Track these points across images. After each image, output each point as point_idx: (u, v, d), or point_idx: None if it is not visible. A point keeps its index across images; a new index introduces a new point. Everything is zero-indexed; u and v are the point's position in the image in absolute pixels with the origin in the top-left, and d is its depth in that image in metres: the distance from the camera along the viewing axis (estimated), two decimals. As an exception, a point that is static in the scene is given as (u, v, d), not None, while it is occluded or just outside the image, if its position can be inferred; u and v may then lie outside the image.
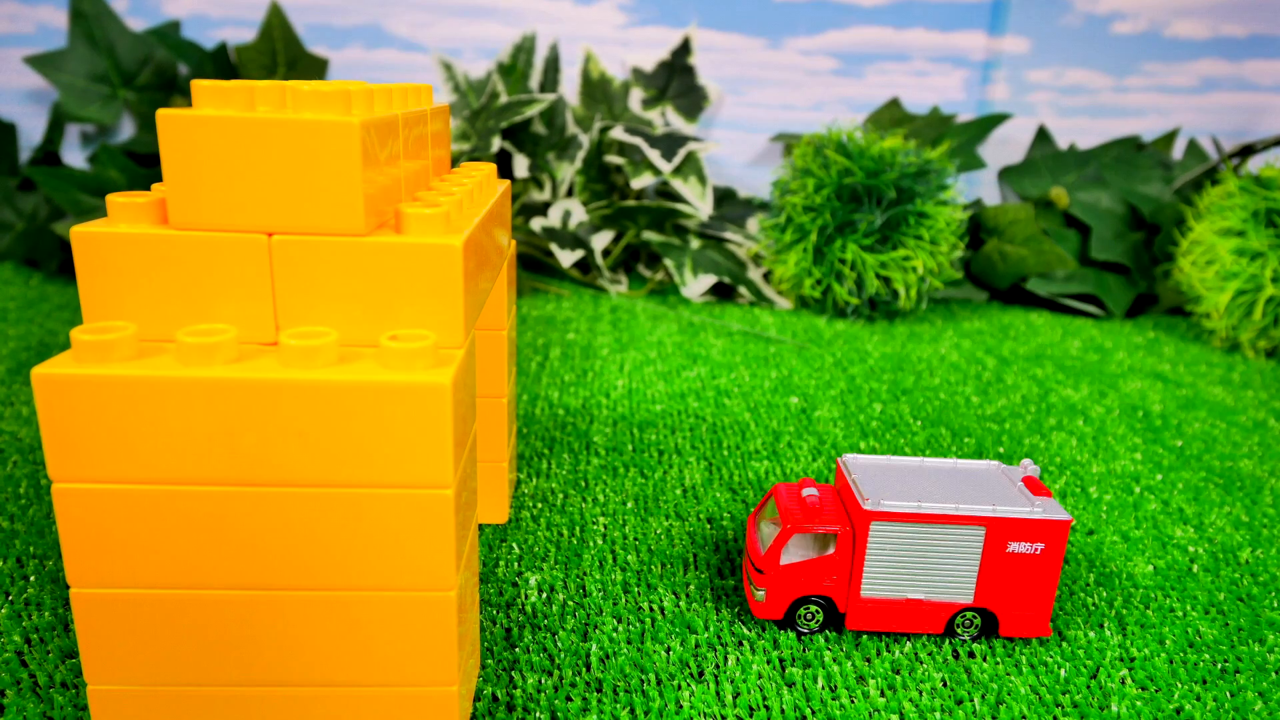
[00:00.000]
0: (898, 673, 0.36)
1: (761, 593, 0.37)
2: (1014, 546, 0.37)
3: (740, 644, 0.37)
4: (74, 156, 0.97)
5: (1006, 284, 0.93)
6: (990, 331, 0.84)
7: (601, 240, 0.90)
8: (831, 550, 0.37)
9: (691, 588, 0.40)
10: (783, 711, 0.33)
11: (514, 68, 0.96)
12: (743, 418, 0.60)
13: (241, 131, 0.26)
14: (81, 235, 0.27)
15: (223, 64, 0.94)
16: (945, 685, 0.35)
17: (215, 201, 0.27)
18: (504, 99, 0.92)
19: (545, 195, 0.94)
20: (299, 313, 0.27)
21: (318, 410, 0.26)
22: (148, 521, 0.27)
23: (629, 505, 0.47)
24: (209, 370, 0.25)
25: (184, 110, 0.26)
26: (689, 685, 0.34)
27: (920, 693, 0.34)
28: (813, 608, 0.37)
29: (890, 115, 1.02)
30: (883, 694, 0.34)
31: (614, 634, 0.37)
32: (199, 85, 0.27)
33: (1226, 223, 0.80)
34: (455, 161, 0.89)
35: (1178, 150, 1.04)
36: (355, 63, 1.00)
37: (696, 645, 0.37)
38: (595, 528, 0.45)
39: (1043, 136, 1.04)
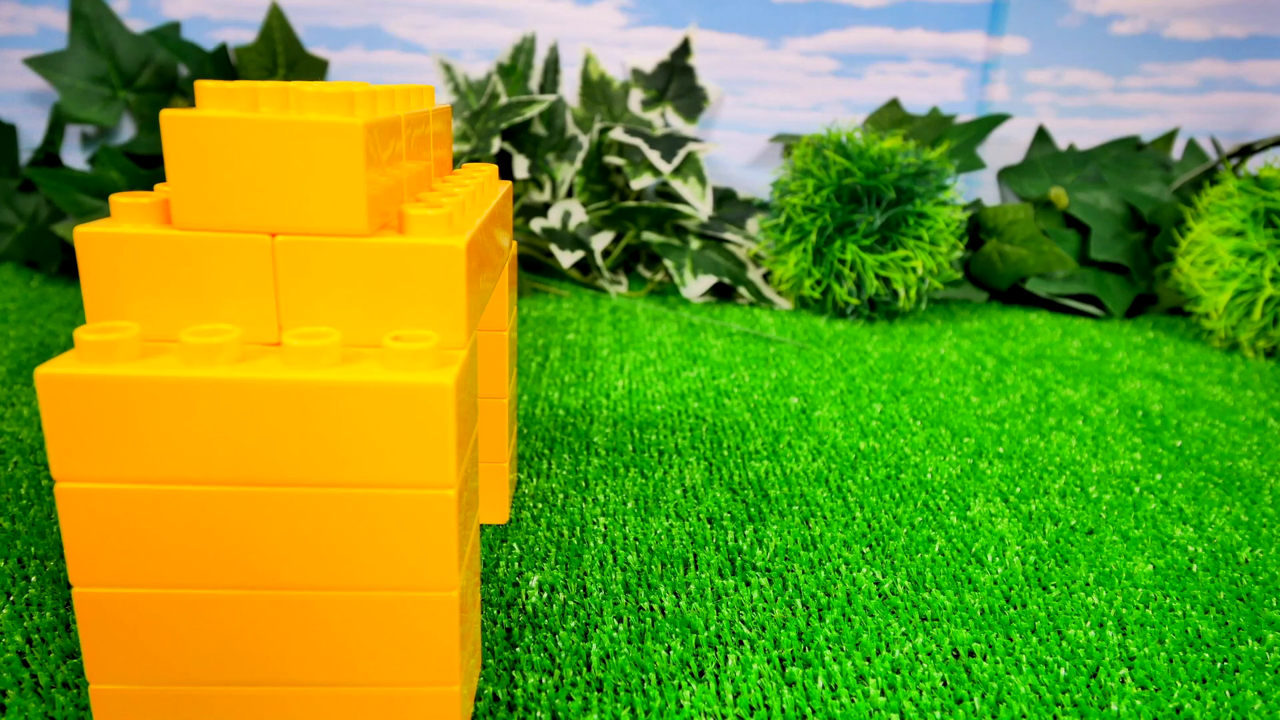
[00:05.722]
0: (898, 672, 0.36)
1: None
2: None
3: (740, 643, 0.37)
4: (74, 158, 0.97)
5: (1006, 284, 0.94)
6: (990, 332, 0.84)
7: (601, 241, 0.90)
8: None
9: (692, 587, 0.41)
10: (783, 711, 0.33)
11: (514, 69, 0.96)
12: (743, 418, 0.60)
13: (245, 132, 0.26)
14: (85, 235, 0.27)
15: (223, 65, 0.94)
16: (945, 685, 0.35)
17: (219, 202, 0.27)
18: (504, 100, 0.92)
19: (545, 196, 0.94)
20: (302, 313, 0.28)
21: (320, 410, 0.26)
22: (151, 521, 0.27)
23: (629, 505, 0.47)
24: (212, 370, 0.26)
25: (188, 111, 0.26)
26: (689, 685, 0.34)
27: (920, 692, 0.35)
28: None
29: (890, 116, 1.02)
30: (883, 694, 0.34)
31: (614, 634, 0.37)
32: (203, 86, 0.27)
33: (1226, 223, 0.80)
34: (456, 162, 0.89)
35: (1177, 150, 1.04)
36: (355, 64, 1.00)
37: (697, 645, 0.37)
38: (596, 528, 0.45)
39: (1042, 137, 1.04)
